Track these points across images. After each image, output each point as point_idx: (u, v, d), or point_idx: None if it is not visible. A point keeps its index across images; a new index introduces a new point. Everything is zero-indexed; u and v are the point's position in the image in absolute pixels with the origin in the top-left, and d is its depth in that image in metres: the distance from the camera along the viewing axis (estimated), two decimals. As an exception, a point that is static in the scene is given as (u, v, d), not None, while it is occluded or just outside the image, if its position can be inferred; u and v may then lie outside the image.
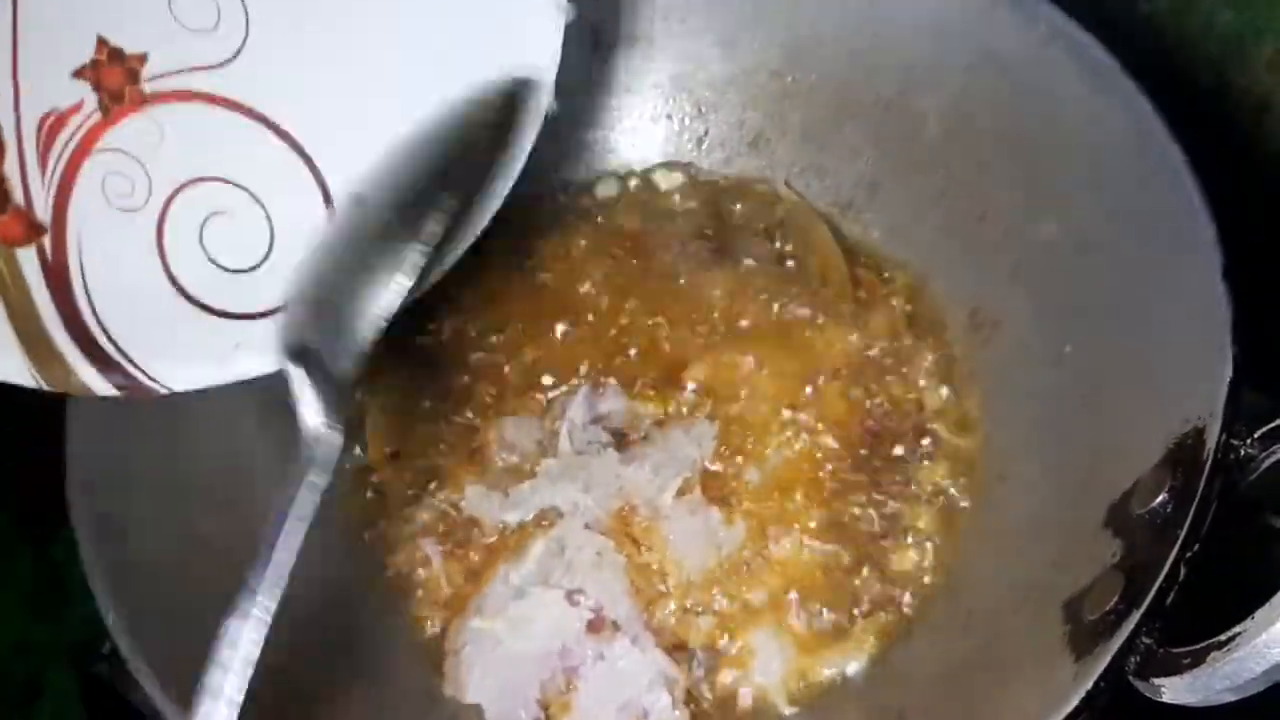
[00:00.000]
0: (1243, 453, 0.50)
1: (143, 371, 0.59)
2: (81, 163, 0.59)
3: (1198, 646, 0.45)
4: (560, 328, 0.73)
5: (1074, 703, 0.48)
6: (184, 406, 0.66)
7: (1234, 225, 0.56)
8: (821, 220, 0.75)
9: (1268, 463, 0.50)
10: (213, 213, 0.60)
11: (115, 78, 0.58)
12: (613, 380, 0.71)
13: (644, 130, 0.80)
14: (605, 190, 0.80)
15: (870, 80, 0.74)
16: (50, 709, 0.76)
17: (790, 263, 0.74)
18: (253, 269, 0.61)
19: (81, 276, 0.60)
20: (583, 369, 0.72)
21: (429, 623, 0.66)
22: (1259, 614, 0.44)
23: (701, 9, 0.77)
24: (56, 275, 0.59)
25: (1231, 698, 0.45)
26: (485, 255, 0.66)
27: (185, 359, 0.60)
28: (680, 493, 0.66)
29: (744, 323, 0.72)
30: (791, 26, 0.75)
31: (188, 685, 0.56)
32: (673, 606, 0.64)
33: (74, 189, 0.59)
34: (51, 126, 0.58)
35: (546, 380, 0.72)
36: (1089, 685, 0.48)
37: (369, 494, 0.71)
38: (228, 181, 0.60)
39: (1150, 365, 0.58)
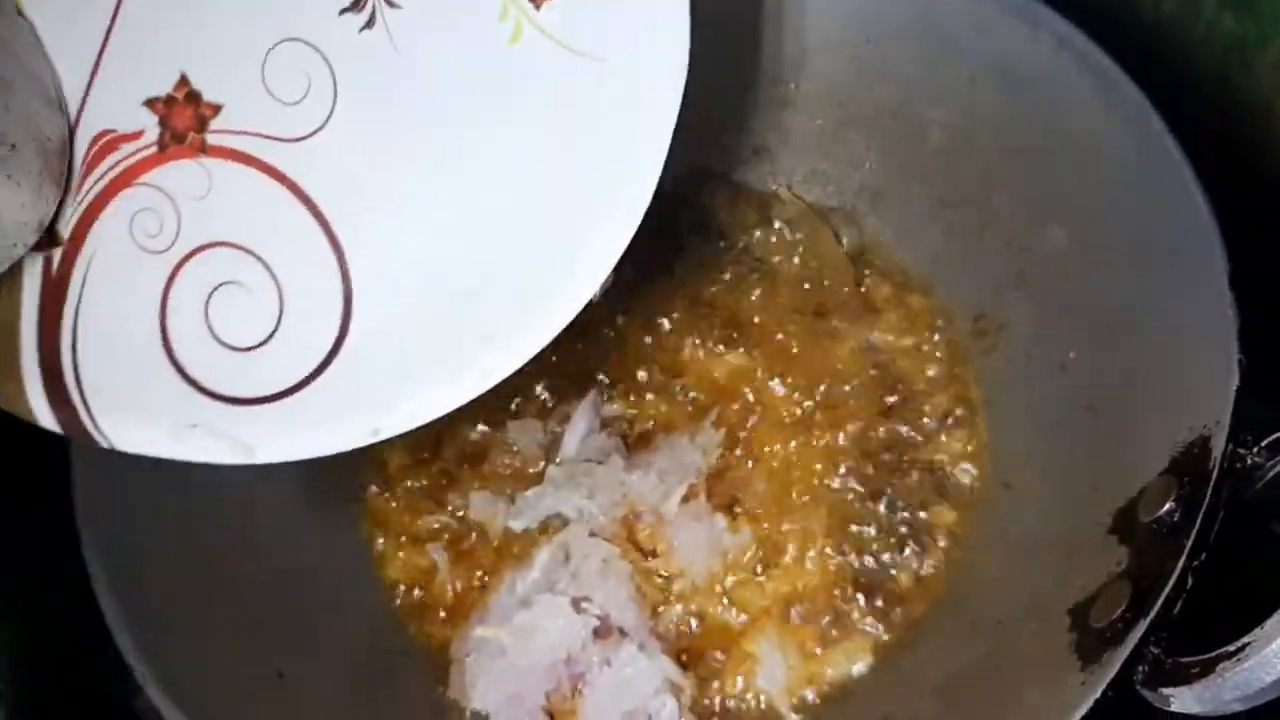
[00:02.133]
0: (1250, 461, 0.50)
1: (92, 419, 0.57)
2: (120, 190, 0.57)
3: (1207, 656, 0.45)
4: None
5: (1082, 711, 0.48)
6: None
7: (1240, 231, 0.56)
8: (826, 224, 0.75)
9: (1274, 471, 0.50)
10: (228, 281, 0.57)
11: (184, 119, 0.57)
12: (617, 385, 0.71)
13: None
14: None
15: (873, 89, 0.73)
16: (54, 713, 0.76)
17: (795, 267, 0.74)
18: (244, 350, 0.58)
19: (76, 302, 0.58)
20: (588, 374, 0.72)
21: (434, 630, 0.67)
22: (1269, 624, 0.43)
23: (703, 13, 0.76)
24: (52, 293, 0.58)
25: (1241, 708, 0.45)
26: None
27: (141, 421, 0.57)
28: (685, 499, 0.66)
29: (748, 327, 0.72)
30: (794, 33, 0.75)
31: (189, 693, 0.56)
32: (678, 613, 0.64)
33: (102, 213, 0.57)
34: (104, 146, 0.57)
35: (551, 384, 0.72)
36: (1096, 694, 0.48)
37: (374, 501, 0.71)
38: (255, 255, 0.57)
39: (1156, 372, 0.58)
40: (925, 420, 0.68)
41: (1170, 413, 0.55)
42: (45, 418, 0.57)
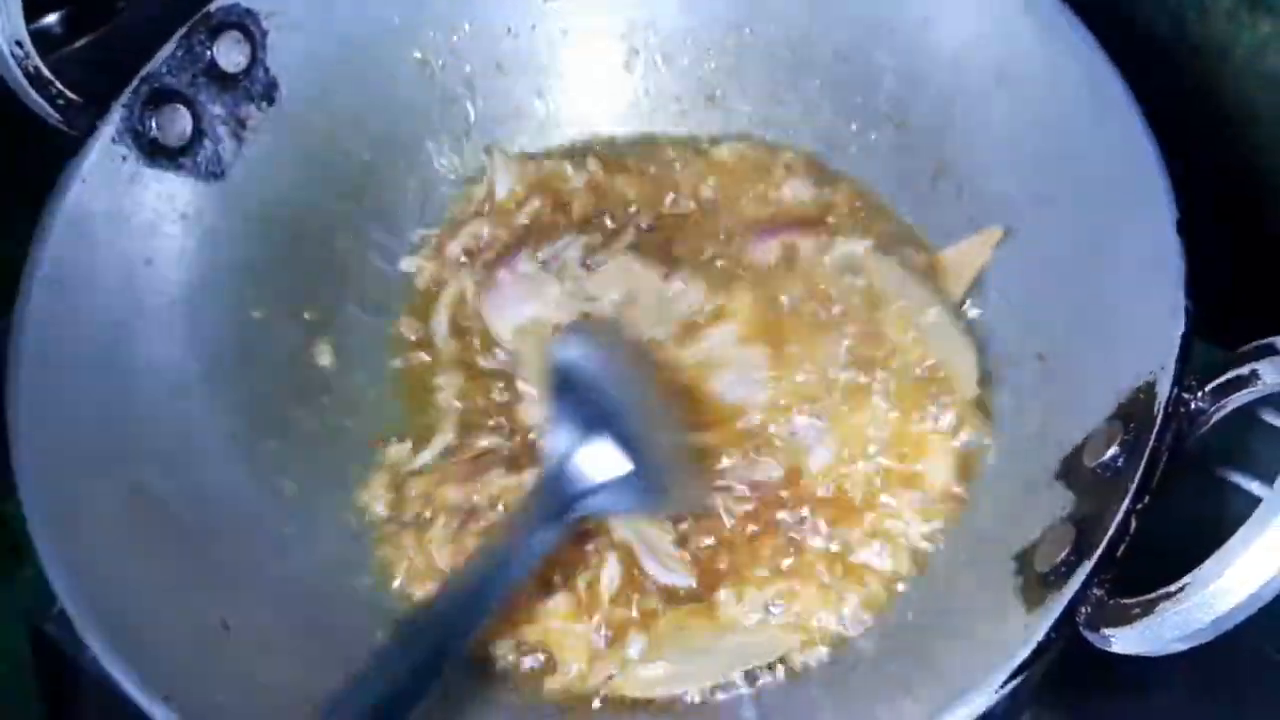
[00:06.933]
0: (1194, 406, 0.50)
1: None
2: None
3: (1148, 597, 0.45)
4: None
5: (1025, 654, 0.48)
6: (132, 368, 0.65)
7: (1189, 177, 0.56)
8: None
9: (1218, 416, 0.50)
10: None
11: None
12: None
13: (601, 83, 0.79)
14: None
15: (827, 34, 0.73)
16: (1, 667, 0.75)
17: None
18: None
19: None
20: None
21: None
22: (1207, 565, 0.44)
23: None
24: None
25: (1181, 647, 0.45)
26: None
27: None
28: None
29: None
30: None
31: (133, 646, 0.55)
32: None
33: None
34: None
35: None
36: (1040, 637, 0.48)
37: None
38: None
39: (1103, 319, 0.58)
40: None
41: (1117, 359, 0.55)
42: None
